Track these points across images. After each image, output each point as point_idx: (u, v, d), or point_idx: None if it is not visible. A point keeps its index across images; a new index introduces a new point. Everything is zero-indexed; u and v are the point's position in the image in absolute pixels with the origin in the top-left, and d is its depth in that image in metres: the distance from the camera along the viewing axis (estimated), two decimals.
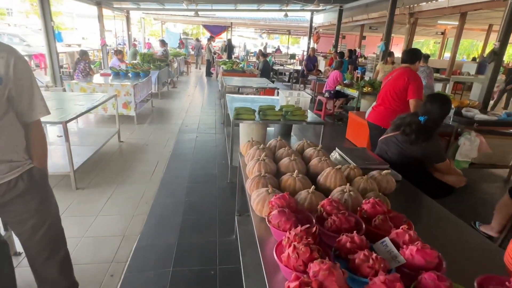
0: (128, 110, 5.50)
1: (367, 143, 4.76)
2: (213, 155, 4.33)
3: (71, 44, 22.38)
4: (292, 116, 3.36)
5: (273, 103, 4.36)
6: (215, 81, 12.28)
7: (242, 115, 3.26)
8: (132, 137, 4.96)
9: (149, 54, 8.91)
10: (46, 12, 7.36)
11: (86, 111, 3.34)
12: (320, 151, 1.99)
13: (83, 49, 6.54)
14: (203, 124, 5.88)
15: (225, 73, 8.04)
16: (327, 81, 6.81)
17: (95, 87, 5.32)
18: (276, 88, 5.79)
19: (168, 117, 6.30)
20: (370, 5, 11.20)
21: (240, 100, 4.42)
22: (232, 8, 14.90)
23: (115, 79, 6.13)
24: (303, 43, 31.36)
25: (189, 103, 7.72)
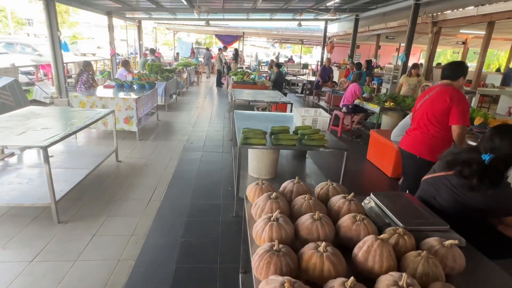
0: (130, 125, 5.12)
1: (392, 167, 4.22)
2: (218, 179, 3.86)
3: (86, 53, 22.68)
4: (310, 140, 2.87)
5: (286, 121, 3.90)
6: (226, 91, 11.92)
7: (251, 139, 2.79)
8: (132, 155, 4.55)
9: (157, 65, 8.62)
10: (52, 21, 7.16)
11: (67, 134, 2.93)
12: (352, 203, 1.49)
13: (86, 60, 6.26)
14: (209, 141, 5.44)
15: (235, 85, 7.64)
16: (344, 94, 6.30)
17: (95, 101, 4.97)
18: (289, 103, 5.32)
19: (173, 132, 5.90)
20: (388, 14, 10.70)
21: (250, 117, 3.96)
22: (244, 18, 14.66)
23: (119, 91, 5.79)
24: (315, 53, 30.97)
25: (197, 116, 7.33)
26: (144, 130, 5.75)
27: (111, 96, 5.03)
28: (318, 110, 3.87)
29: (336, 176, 3.62)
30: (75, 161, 3.65)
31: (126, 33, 16.75)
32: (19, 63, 7.98)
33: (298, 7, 11.31)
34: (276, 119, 4.05)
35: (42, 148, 2.52)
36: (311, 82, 11.05)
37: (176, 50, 20.24)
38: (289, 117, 4.15)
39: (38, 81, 8.27)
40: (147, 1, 9.76)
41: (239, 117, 3.94)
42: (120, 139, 5.18)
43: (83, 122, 3.32)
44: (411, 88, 6.63)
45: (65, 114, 3.66)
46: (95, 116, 3.59)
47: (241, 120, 3.75)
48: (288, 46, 38.13)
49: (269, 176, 3.39)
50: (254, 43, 29.96)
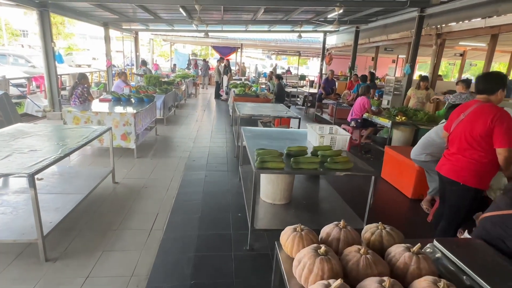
0: (128, 142, 4.77)
1: (413, 187, 3.92)
2: (226, 203, 3.51)
3: (81, 64, 22.40)
4: (333, 164, 2.56)
5: (300, 139, 3.59)
6: (224, 104, 11.65)
7: (268, 163, 2.46)
8: (130, 175, 4.19)
9: (155, 77, 8.33)
10: (46, 32, 6.87)
11: (58, 158, 2.58)
12: (420, 258, 1.16)
13: (81, 72, 5.93)
14: (213, 158, 5.10)
15: (237, 97, 7.36)
16: (352, 108, 6.05)
17: (90, 116, 4.63)
18: (297, 118, 5.03)
19: (174, 148, 5.56)
20: (389, 26, 10.63)
21: (260, 135, 3.65)
22: (243, 30, 14.55)
23: (115, 106, 5.46)
24: (311, 64, 31.10)
25: (197, 130, 7.00)
26: (143, 146, 5.40)
27: (108, 111, 4.69)
28: (334, 127, 3.58)
29: (358, 201, 3.32)
30: (67, 185, 3.28)
31: (123, 44, 16.54)
32: (10, 75, 7.62)
33: (298, 19, 11.21)
34: (288, 136, 3.74)
35: (28, 176, 2.17)
36: (313, 94, 10.85)
37: (173, 61, 20.05)
38: (302, 134, 3.85)
39: (30, 93, 7.91)
40: (144, 12, 9.53)
41: (249, 134, 3.63)
42: (117, 157, 4.83)
43: (77, 142, 2.97)
44: (420, 101, 6.41)
45: (56, 133, 3.31)
46: (90, 135, 3.24)
47: (252, 139, 3.43)
48: (283, 58, 38.31)
49: (284, 202, 3.06)
50: (250, 54, 29.99)
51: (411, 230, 3.25)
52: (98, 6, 8.42)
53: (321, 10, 9.79)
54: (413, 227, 3.35)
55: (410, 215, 3.64)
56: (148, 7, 8.98)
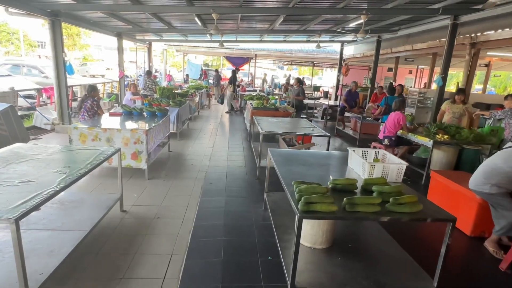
0: (138, 162, 4.30)
1: (473, 223, 3.30)
2: (252, 242, 2.95)
3: (96, 75, 22.52)
4: (397, 206, 1.99)
5: (337, 163, 3.03)
6: (238, 115, 11.21)
7: (315, 205, 1.92)
8: (140, 202, 3.69)
9: (168, 89, 7.94)
10: (57, 41, 6.57)
11: (52, 194, 2.10)
12: None
13: (91, 84, 5.56)
14: (232, 180, 4.57)
15: (254, 111, 6.87)
16: (385, 124, 5.47)
17: (98, 133, 4.19)
18: (326, 136, 4.48)
19: (188, 168, 5.06)
20: (414, 35, 10.08)
21: (291, 159, 3.12)
22: (257, 40, 14.22)
23: (126, 120, 5.03)
24: (326, 75, 30.63)
25: (212, 146, 6.51)
26: (155, 165, 4.92)
27: (117, 128, 4.24)
28: (380, 152, 3.02)
29: (414, 246, 2.75)
30: (67, 218, 2.79)
31: (136, 55, 16.42)
32: (19, 87, 7.34)
33: (317, 29, 10.77)
34: (324, 161, 3.19)
35: (10, 223, 1.68)
36: (332, 107, 10.29)
37: (185, 72, 19.88)
38: (340, 158, 3.30)
39: (39, 105, 7.61)
40: (158, 21, 9.25)
41: (278, 158, 3.09)
42: (127, 178, 4.35)
43: (78, 170, 2.49)
44: (456, 116, 5.79)
45: (56, 157, 2.84)
46: (95, 159, 2.76)
47: (283, 165, 2.90)
48: (294, 68, 37.95)
49: (325, 245, 2.49)
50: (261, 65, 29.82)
51: (481, 279, 2.63)
52: (112, 16, 8.17)
53: (341, 19, 9.33)
54: (481, 274, 2.72)
55: (474, 258, 3.00)
56: (162, 16, 8.70)
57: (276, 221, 2.94)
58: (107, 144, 4.21)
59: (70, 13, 7.21)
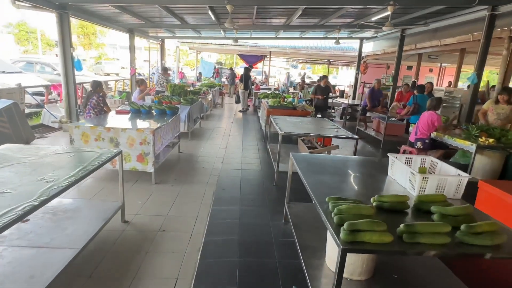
0: (144, 164, 3.91)
1: None
2: (273, 265, 2.50)
3: (110, 73, 22.55)
4: (474, 237, 1.49)
5: (374, 172, 2.53)
6: (252, 114, 10.76)
7: (363, 234, 1.44)
8: (145, 210, 3.29)
9: (180, 86, 7.57)
10: (65, 36, 6.28)
11: (30, 209, 1.69)
12: None
13: (96, 80, 5.22)
14: (247, 186, 4.12)
15: (271, 110, 6.40)
16: (416, 125, 4.90)
17: (101, 133, 3.81)
18: (353, 138, 3.97)
19: (199, 171, 4.65)
20: (442, 29, 9.37)
21: (318, 165, 2.64)
22: (272, 36, 13.73)
23: (134, 118, 4.66)
24: (341, 74, 29.79)
25: (225, 147, 6.09)
26: (163, 167, 4.53)
27: (122, 127, 3.85)
28: (427, 159, 2.51)
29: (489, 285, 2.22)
30: (58, 232, 2.40)
31: (149, 53, 16.20)
32: (27, 83, 7.11)
33: (336, 23, 10.20)
34: (358, 168, 2.70)
35: None
36: (352, 106, 9.72)
37: (198, 70, 19.58)
38: (376, 166, 2.80)
39: (48, 103, 7.37)
40: (171, 16, 8.90)
41: (304, 165, 2.62)
42: (131, 182, 3.97)
43: (67, 177, 2.09)
44: (501, 118, 5.15)
45: (48, 159, 2.46)
46: (90, 164, 2.36)
47: (310, 174, 2.43)
48: (308, 67, 37.14)
49: (365, 276, 2.00)
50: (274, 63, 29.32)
51: None
52: (123, 11, 7.85)
53: (363, 13, 8.75)
54: None
55: None
56: (174, 10, 8.33)
57: (301, 239, 2.46)
58: (110, 144, 3.83)
59: (78, 6, 6.93)
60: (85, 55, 32.20)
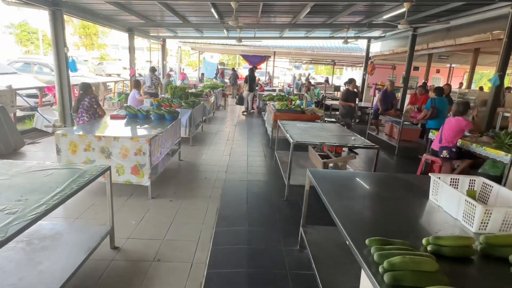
0: (140, 177, 3.49)
1: None
2: None
3: (112, 74, 22.22)
4: None
5: (411, 192, 2.09)
6: (255, 117, 10.33)
7: None
8: (138, 233, 2.87)
9: (181, 88, 7.16)
10: (58, 35, 5.88)
11: None
12: None
13: (85, 82, 4.81)
14: (255, 202, 3.69)
15: (278, 113, 5.97)
16: (441, 132, 4.45)
17: (91, 142, 3.40)
18: (373, 147, 3.54)
19: (201, 182, 4.22)
20: (455, 28, 8.91)
21: (341, 184, 2.21)
22: (277, 36, 13.30)
23: (129, 124, 4.26)
24: (346, 74, 29.29)
25: (229, 154, 5.66)
26: (161, 179, 4.11)
27: (115, 135, 3.43)
28: (478, 181, 2.06)
29: None
30: (30, 267, 1.99)
31: (150, 54, 15.82)
32: (19, 85, 6.72)
33: (345, 22, 9.76)
34: (387, 190, 2.27)
35: None
36: (361, 109, 9.27)
37: (201, 70, 19.20)
38: (403, 184, 2.36)
39: (41, 106, 6.98)
40: (172, 15, 8.49)
41: (324, 185, 2.19)
42: (125, 197, 3.56)
43: (38, 205, 1.67)
44: None
45: (18, 180, 2.04)
46: (70, 185, 1.95)
47: (333, 196, 1.99)
48: (311, 68, 36.62)
49: None
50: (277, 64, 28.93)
51: None
52: (122, 8, 7.45)
53: (373, 11, 8.31)
54: None
55: None
56: (175, 8, 7.92)
57: (323, 274, 2.04)
58: (101, 155, 3.42)
59: (73, 3, 6.53)
60: (87, 55, 31.95)
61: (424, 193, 2.14)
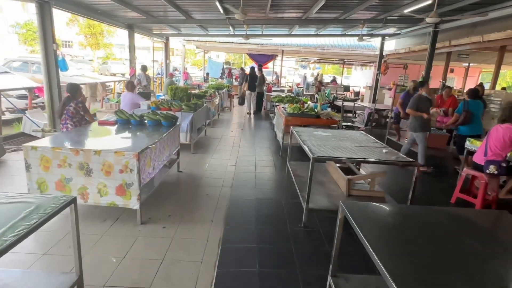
0: (127, 199, 2.87)
1: None
2: None
3: (116, 73, 21.78)
4: None
5: (477, 237, 1.41)
6: (262, 119, 9.69)
7: None
8: (118, 279, 2.24)
9: (183, 89, 6.53)
10: (47, 30, 5.32)
11: None
12: None
13: (72, 83, 4.19)
14: (266, 227, 3.05)
15: (290, 118, 5.31)
16: (486, 143, 3.74)
17: (66, 157, 2.78)
18: (412, 163, 2.87)
19: (202, 201, 3.59)
20: (482, 24, 8.13)
21: (394, 228, 1.55)
22: (285, 33, 12.63)
23: (119, 132, 3.64)
24: (355, 74, 28.46)
25: (235, 163, 5.03)
26: (154, 197, 3.49)
27: (95, 149, 2.81)
28: None
29: None
30: None
31: (153, 52, 15.28)
32: (8, 85, 6.18)
33: (360, 18, 9.07)
34: (452, 232, 1.60)
35: None
36: (378, 111, 8.55)
37: (206, 70, 18.61)
38: (469, 227, 1.69)
39: (31, 108, 6.43)
40: (175, 10, 7.89)
41: (366, 226, 1.53)
42: (108, 222, 2.94)
43: None
44: None
45: None
46: (10, 231, 1.32)
47: (386, 246, 1.33)
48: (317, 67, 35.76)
49: None
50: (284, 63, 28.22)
51: None
52: (120, 3, 6.86)
53: (392, 4, 7.63)
54: None
55: None
56: (177, 2, 7.32)
57: None
58: (79, 172, 2.81)
59: None
60: (92, 55, 31.71)
61: (501, 241, 1.47)
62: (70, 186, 2.84)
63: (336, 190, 3.48)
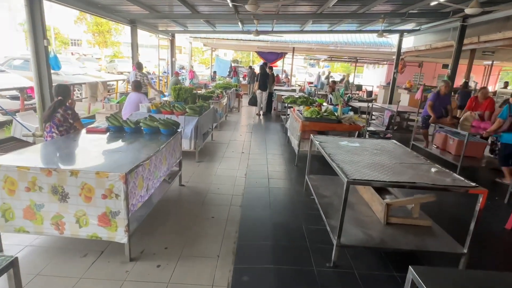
0: (112, 230, 2.28)
1: None
2: None
3: (123, 71, 21.39)
4: None
5: None
6: (274, 121, 9.07)
7: None
8: None
9: (187, 89, 5.94)
10: (36, 25, 4.78)
11: None
12: None
13: (61, 84, 3.62)
14: (286, 265, 2.44)
15: (307, 123, 4.67)
16: None
17: (36, 178, 2.21)
18: (479, 191, 2.22)
19: (206, 227, 2.99)
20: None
21: None
22: (297, 30, 11.95)
23: (109, 142, 3.07)
24: (367, 73, 27.55)
25: (245, 175, 4.42)
26: (150, 220, 2.91)
27: (72, 169, 2.23)
28: None
29: None
30: None
31: (158, 50, 14.75)
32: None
33: (379, 11, 8.36)
34: None
35: None
36: (400, 114, 7.83)
37: (213, 68, 18.05)
38: None
39: (23, 110, 5.92)
40: (180, 5, 7.31)
41: None
42: (90, 258, 2.36)
43: None
44: None
45: None
46: None
47: None
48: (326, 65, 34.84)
49: None
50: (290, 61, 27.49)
51: None
52: None
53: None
54: None
55: None
56: None
57: None
58: (53, 197, 2.23)
59: None
60: (100, 53, 31.53)
61: None
62: (42, 214, 2.27)
63: (369, 215, 2.85)
